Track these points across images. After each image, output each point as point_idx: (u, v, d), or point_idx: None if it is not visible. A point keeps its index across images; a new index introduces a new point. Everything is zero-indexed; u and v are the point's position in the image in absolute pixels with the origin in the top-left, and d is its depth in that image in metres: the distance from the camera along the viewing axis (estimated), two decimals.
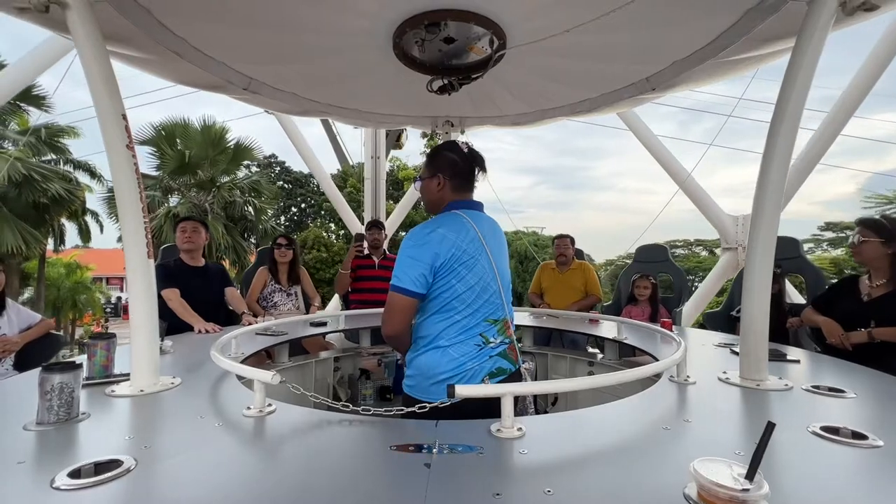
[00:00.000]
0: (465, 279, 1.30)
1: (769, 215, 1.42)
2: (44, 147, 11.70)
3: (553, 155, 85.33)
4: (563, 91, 2.85)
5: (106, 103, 1.37)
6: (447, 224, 1.33)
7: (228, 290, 2.95)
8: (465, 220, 1.35)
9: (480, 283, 1.32)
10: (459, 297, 1.30)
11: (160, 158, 11.33)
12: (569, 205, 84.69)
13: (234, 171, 12.41)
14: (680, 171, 6.53)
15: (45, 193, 10.41)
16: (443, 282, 1.29)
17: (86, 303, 17.16)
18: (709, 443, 0.98)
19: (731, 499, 0.65)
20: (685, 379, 1.39)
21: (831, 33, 1.44)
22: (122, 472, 0.81)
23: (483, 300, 1.33)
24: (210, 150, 11.47)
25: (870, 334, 1.95)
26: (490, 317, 1.34)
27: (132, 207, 1.40)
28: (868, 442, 0.93)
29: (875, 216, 2.14)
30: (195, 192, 11.59)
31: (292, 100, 2.83)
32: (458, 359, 1.28)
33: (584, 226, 22.62)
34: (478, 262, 1.32)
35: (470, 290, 1.30)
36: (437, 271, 1.28)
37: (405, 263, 1.29)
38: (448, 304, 1.30)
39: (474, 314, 1.32)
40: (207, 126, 11.52)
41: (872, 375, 1.52)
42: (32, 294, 12.69)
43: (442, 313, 1.31)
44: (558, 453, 0.91)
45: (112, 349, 1.49)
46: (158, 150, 11.28)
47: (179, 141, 11.52)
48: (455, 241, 1.29)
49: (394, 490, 0.76)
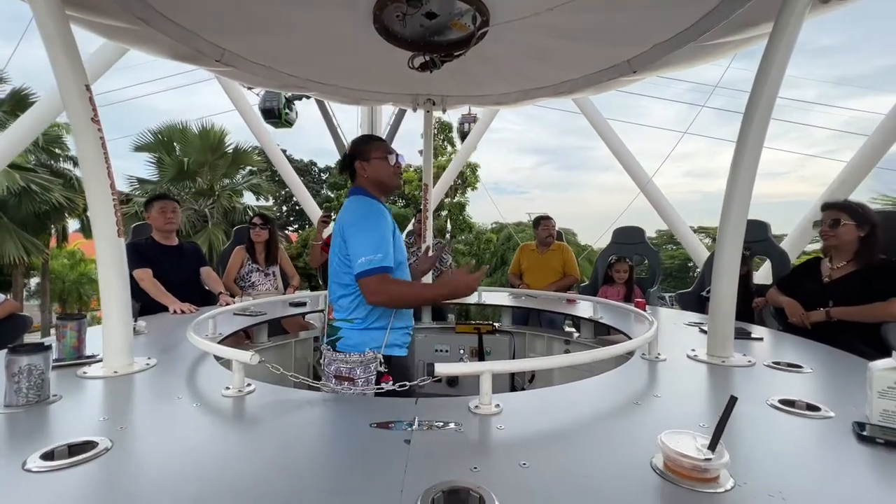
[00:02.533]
0: None
1: (740, 199, 1.46)
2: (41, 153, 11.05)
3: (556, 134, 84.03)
4: (546, 71, 2.83)
5: (67, 73, 1.29)
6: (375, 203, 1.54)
7: (204, 270, 2.88)
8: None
9: None
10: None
11: (158, 166, 11.21)
12: (571, 185, 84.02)
13: (233, 175, 12.15)
14: (642, 175, 6.83)
15: (45, 203, 10.01)
16: None
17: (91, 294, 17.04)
18: (676, 416, 1.03)
19: (693, 468, 0.69)
20: (656, 356, 1.45)
21: (807, 20, 1.47)
22: (98, 454, 0.80)
23: None
24: (209, 155, 11.24)
25: (827, 313, 2.06)
26: None
27: (100, 183, 1.34)
28: (820, 413, 0.99)
29: (838, 200, 2.21)
30: (194, 198, 11.38)
31: (268, 73, 2.72)
32: None
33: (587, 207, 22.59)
34: None
35: None
36: None
37: (374, 239, 1.39)
38: None
39: None
40: (206, 130, 11.23)
41: (828, 352, 1.62)
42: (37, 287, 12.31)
43: None
44: (534, 428, 0.94)
45: (83, 330, 1.45)
46: (157, 158, 11.17)
47: (178, 146, 11.33)
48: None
49: (374, 466, 0.78)
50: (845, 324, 2.02)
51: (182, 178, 11.30)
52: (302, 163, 26.05)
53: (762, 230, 3.18)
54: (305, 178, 25.26)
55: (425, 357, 2.89)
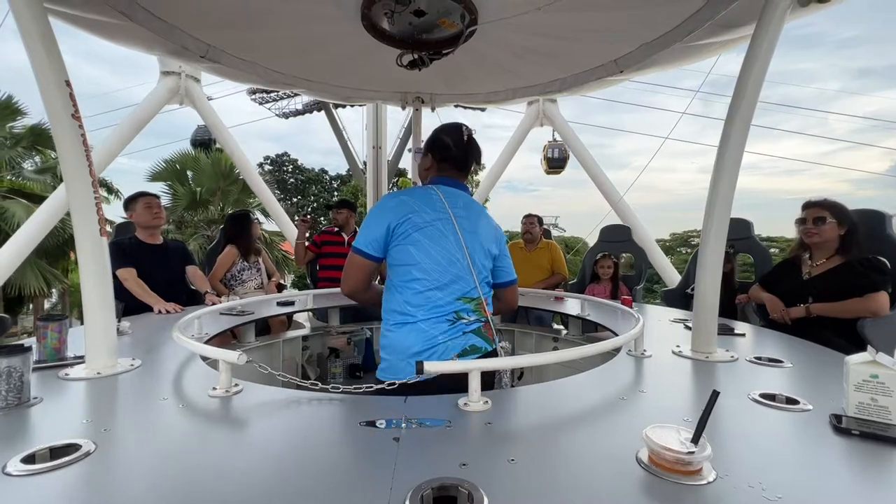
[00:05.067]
0: (423, 247, 1.30)
1: (723, 198, 1.49)
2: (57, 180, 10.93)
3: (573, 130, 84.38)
4: (534, 70, 2.85)
5: (46, 68, 1.26)
6: (411, 193, 1.38)
7: (190, 269, 2.84)
8: (436, 194, 1.37)
9: (445, 257, 1.31)
10: (419, 266, 1.30)
11: (172, 195, 11.56)
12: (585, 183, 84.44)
13: (245, 200, 12.19)
14: (612, 193, 7.09)
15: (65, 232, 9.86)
16: (400, 248, 1.31)
17: None
18: (661, 411, 1.05)
19: (677, 461, 0.71)
20: (642, 353, 1.48)
21: (788, 22, 1.50)
22: (81, 456, 0.78)
23: (451, 275, 1.32)
24: (221, 182, 11.43)
25: (807, 309, 2.11)
26: (465, 295, 1.34)
27: (81, 182, 1.31)
28: (799, 406, 1.02)
29: (820, 198, 2.26)
30: (207, 225, 11.55)
31: (255, 70, 2.69)
32: (427, 331, 1.28)
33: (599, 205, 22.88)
34: (441, 233, 1.32)
35: (432, 261, 1.30)
36: (391, 235, 1.31)
37: (364, 226, 1.35)
38: (410, 274, 1.30)
39: (444, 289, 1.31)
40: (217, 157, 11.37)
41: (807, 347, 1.66)
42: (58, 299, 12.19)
43: (407, 285, 1.31)
44: (522, 424, 0.96)
45: (64, 331, 1.42)
46: (171, 189, 11.60)
47: (191, 173, 11.66)
48: (413, 206, 1.32)
49: (363, 464, 0.78)
50: (824, 319, 2.08)
51: (195, 206, 11.62)
52: (313, 172, 26.04)
53: (745, 228, 3.24)
54: (317, 186, 25.21)
55: None
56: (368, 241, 1.32)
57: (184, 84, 6.30)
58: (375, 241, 1.32)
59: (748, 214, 3.24)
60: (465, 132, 1.43)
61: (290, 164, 26.91)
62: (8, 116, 9.51)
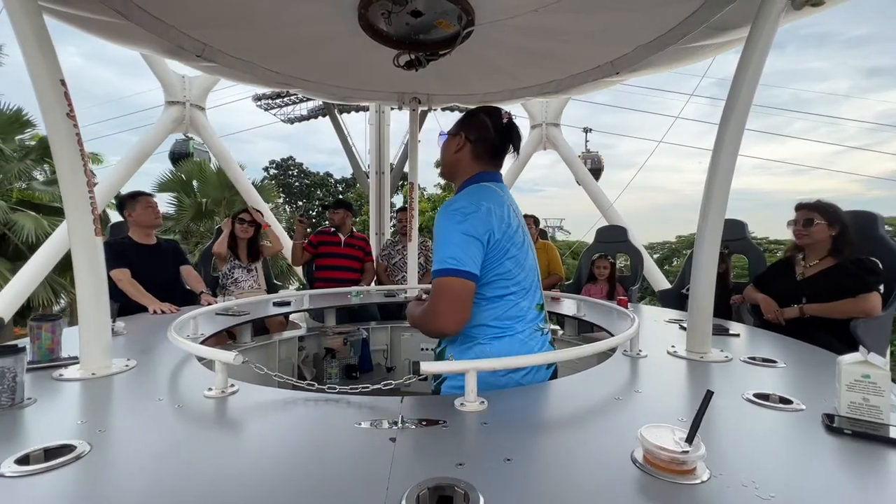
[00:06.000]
0: (516, 258, 1.20)
1: (718, 199, 1.50)
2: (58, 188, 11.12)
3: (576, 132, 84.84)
4: (530, 71, 2.86)
5: (40, 67, 1.25)
6: (488, 198, 1.19)
7: (184, 269, 2.83)
8: (500, 194, 1.24)
9: (531, 267, 1.24)
10: (514, 279, 1.19)
11: (178, 207, 11.72)
12: None
13: None
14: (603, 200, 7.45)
15: None
16: (495, 262, 1.17)
17: None
18: (656, 410, 1.06)
19: (671, 460, 0.71)
20: (637, 353, 1.48)
21: (782, 25, 1.52)
22: (76, 457, 0.78)
23: (531, 281, 1.24)
24: (226, 192, 11.44)
25: (801, 310, 2.13)
26: (538, 301, 1.26)
27: (76, 182, 1.31)
28: (793, 406, 1.03)
29: (811, 200, 2.28)
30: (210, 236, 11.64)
31: (252, 69, 2.69)
32: (527, 343, 1.21)
33: None
34: (525, 243, 1.24)
35: (522, 271, 1.21)
36: (490, 249, 1.16)
37: (457, 241, 1.11)
38: (507, 289, 1.19)
39: (528, 297, 1.23)
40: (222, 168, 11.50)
41: (801, 347, 1.68)
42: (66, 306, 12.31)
43: (502, 299, 1.20)
44: (518, 423, 0.96)
45: (58, 332, 1.41)
46: (177, 200, 11.74)
47: (196, 184, 11.76)
48: (501, 215, 1.18)
49: (359, 465, 0.78)
50: (817, 320, 2.09)
51: (200, 216, 11.74)
52: (318, 175, 26.14)
53: (740, 229, 3.26)
54: (322, 190, 25.33)
55: (411, 356, 2.89)
56: (468, 258, 1.11)
57: (188, 113, 6.55)
58: (478, 257, 1.13)
59: (755, 216, 3.27)
60: (504, 115, 1.28)
61: (295, 168, 27.07)
62: (17, 129, 9.60)
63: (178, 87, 6.58)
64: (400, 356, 3.02)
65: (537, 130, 7.64)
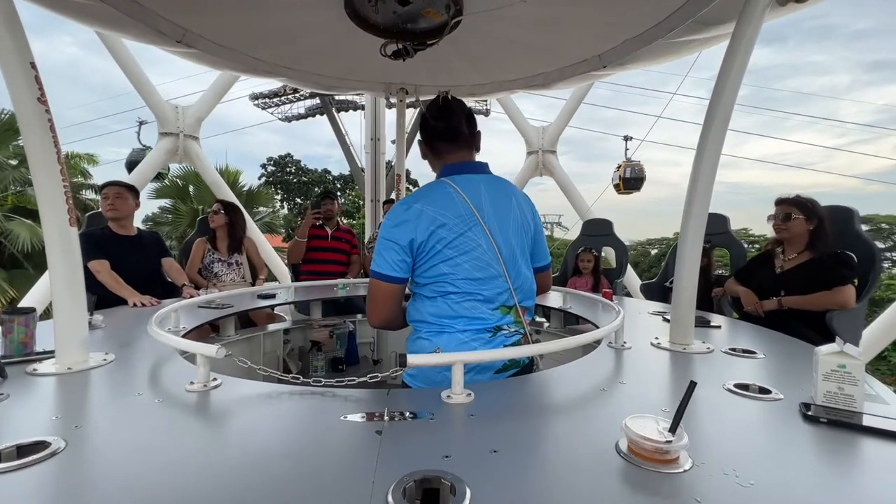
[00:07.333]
0: (456, 263, 1.17)
1: (701, 195, 1.52)
2: None
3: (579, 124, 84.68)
4: (519, 63, 2.85)
5: (9, 50, 1.19)
6: (427, 197, 1.18)
7: (165, 261, 2.76)
8: (453, 190, 1.19)
9: (479, 268, 1.18)
10: (451, 281, 1.17)
11: (174, 214, 11.78)
12: (591, 176, 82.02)
13: None
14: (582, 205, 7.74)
15: None
16: (428, 265, 1.18)
17: None
18: (640, 401, 1.07)
19: (655, 450, 0.72)
20: (622, 344, 1.50)
21: (767, 21, 1.53)
22: (50, 454, 0.76)
23: (487, 286, 1.20)
24: None
25: (779, 302, 2.19)
26: (503, 304, 1.23)
27: (48, 170, 1.26)
28: (771, 396, 1.05)
29: (790, 195, 2.33)
30: None
31: (234, 57, 2.62)
32: (466, 343, 1.19)
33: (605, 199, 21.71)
34: (473, 243, 1.18)
35: (465, 275, 1.18)
36: (417, 253, 1.17)
37: (382, 246, 1.18)
38: (443, 288, 1.19)
39: (481, 300, 1.20)
40: (221, 172, 11.40)
41: (780, 338, 1.72)
42: None
43: (441, 297, 1.20)
44: (505, 416, 0.96)
45: (32, 325, 1.36)
46: (173, 206, 11.85)
47: (192, 188, 11.78)
48: (434, 216, 1.15)
49: (345, 458, 0.77)
50: (795, 312, 2.15)
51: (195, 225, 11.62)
52: (316, 173, 25.88)
53: (722, 223, 3.32)
54: (320, 187, 25.14)
55: (398, 348, 2.88)
56: (390, 263, 1.16)
57: (182, 144, 6.56)
58: (401, 262, 1.16)
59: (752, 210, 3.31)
60: (439, 96, 1.25)
61: (292, 166, 26.77)
62: (11, 136, 9.43)
63: (171, 118, 6.51)
64: (386, 349, 3.02)
65: (533, 157, 7.78)
